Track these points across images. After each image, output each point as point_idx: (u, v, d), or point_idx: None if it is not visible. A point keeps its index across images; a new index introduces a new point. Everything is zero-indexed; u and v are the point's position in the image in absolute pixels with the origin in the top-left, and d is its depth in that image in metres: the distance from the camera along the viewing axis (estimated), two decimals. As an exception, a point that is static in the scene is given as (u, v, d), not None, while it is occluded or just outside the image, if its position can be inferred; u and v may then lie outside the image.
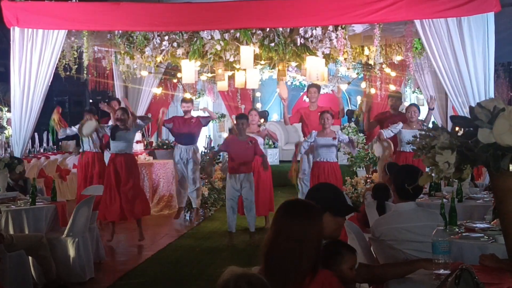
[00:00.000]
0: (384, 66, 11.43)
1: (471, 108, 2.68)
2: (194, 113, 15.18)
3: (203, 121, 11.11)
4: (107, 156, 10.32)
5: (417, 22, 8.20)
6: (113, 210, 9.29)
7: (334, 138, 9.34)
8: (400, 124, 9.50)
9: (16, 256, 6.20)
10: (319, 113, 9.73)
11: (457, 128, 2.85)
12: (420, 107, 15.73)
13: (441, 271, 3.45)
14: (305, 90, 17.04)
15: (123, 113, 9.50)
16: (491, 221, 5.14)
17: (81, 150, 10.82)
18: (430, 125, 8.97)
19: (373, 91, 13.52)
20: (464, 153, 2.64)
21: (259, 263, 3.03)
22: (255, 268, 3.04)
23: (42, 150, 14.51)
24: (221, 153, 11.90)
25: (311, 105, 10.54)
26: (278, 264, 2.90)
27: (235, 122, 9.60)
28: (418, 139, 2.87)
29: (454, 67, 8.14)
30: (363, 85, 14.40)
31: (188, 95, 13.00)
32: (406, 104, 16.15)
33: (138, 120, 9.65)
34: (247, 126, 9.45)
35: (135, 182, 9.58)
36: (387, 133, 9.47)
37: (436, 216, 4.48)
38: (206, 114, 11.54)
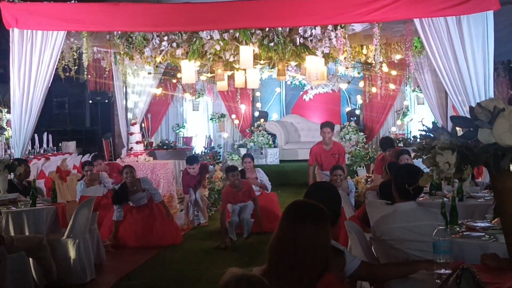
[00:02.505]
0: (383, 65, 11.43)
1: (471, 108, 2.68)
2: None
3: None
4: None
5: (416, 21, 8.20)
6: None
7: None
8: None
9: (16, 257, 6.19)
10: (332, 155, 9.95)
11: (457, 128, 2.85)
12: (421, 105, 15.83)
13: (442, 271, 3.45)
14: (305, 90, 17.15)
15: (131, 171, 9.39)
16: (492, 220, 5.14)
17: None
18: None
19: (374, 90, 13.53)
20: (464, 154, 2.64)
21: (262, 263, 3.02)
22: (256, 269, 3.03)
23: (42, 151, 14.52)
24: (221, 153, 11.96)
25: (325, 146, 10.36)
26: (291, 266, 2.88)
27: (226, 176, 9.62)
28: (418, 140, 2.87)
29: (453, 65, 8.14)
30: (361, 84, 14.42)
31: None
32: (406, 103, 16.22)
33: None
34: (238, 178, 9.28)
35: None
36: None
37: (436, 215, 4.48)
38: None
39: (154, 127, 14.65)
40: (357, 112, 17.67)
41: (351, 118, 17.10)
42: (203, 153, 13.60)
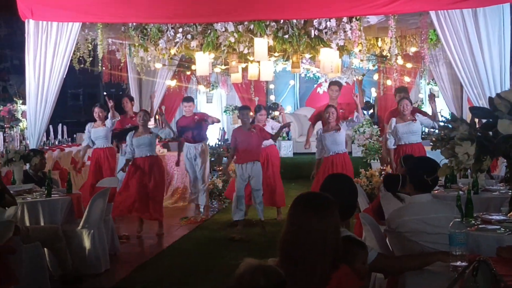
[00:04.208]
0: (398, 57, 11.37)
1: (490, 99, 2.66)
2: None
3: (208, 120, 10.65)
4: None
5: (432, 13, 8.15)
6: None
7: (338, 130, 9.16)
8: (393, 122, 9.23)
9: (32, 248, 6.22)
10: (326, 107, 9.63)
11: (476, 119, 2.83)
12: (436, 98, 15.73)
13: (458, 263, 3.44)
14: (319, 82, 17.09)
15: (145, 114, 9.40)
16: (507, 213, 5.11)
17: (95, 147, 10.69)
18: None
19: (388, 82, 13.46)
20: (483, 144, 2.62)
21: (276, 256, 3.02)
22: (271, 259, 3.03)
23: (57, 142, 14.55)
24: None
25: (331, 102, 10.39)
26: (301, 259, 2.87)
27: (237, 114, 9.67)
28: (436, 131, 2.86)
29: (469, 58, 8.09)
30: (376, 76, 14.35)
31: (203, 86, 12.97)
32: (421, 96, 16.14)
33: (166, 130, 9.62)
34: (249, 117, 9.52)
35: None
36: (390, 141, 9.27)
37: (452, 208, 4.45)
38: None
39: (168, 119, 14.57)
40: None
41: (365, 112, 17.01)
42: (217, 145, 13.60)
